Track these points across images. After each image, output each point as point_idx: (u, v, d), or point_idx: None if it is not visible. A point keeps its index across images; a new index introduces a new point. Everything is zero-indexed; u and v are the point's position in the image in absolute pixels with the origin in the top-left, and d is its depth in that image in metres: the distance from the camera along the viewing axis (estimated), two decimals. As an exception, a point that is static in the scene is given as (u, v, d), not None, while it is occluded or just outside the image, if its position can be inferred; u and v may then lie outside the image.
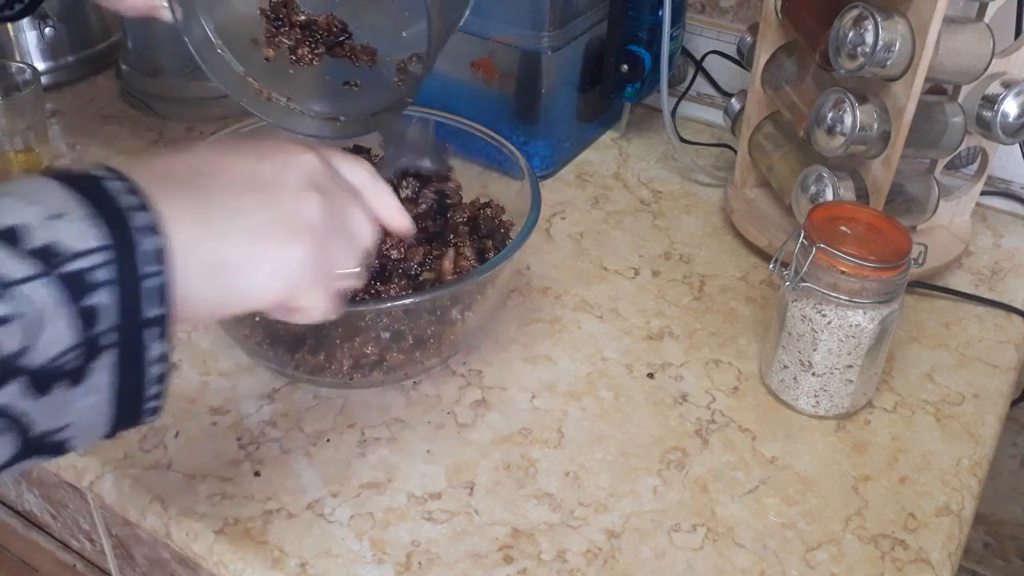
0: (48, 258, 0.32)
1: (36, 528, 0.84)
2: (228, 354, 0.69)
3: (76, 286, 0.33)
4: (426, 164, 0.58)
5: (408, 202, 0.69)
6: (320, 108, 0.64)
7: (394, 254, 0.65)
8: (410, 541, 0.56)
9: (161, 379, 0.37)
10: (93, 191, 0.34)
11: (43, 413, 0.33)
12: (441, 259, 0.64)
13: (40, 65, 0.99)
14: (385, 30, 0.63)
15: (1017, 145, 0.84)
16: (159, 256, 0.35)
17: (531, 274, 0.78)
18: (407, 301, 0.60)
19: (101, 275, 0.33)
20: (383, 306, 0.61)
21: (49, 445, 0.35)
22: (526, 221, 0.65)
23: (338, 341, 0.61)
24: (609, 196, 0.88)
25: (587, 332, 0.72)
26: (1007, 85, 0.72)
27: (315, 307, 0.44)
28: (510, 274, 0.73)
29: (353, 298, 0.62)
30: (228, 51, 0.62)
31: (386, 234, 0.66)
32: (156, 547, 0.68)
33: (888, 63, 0.66)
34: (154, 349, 0.36)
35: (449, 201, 0.70)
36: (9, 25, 0.98)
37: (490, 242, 0.69)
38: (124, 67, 0.99)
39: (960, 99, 0.75)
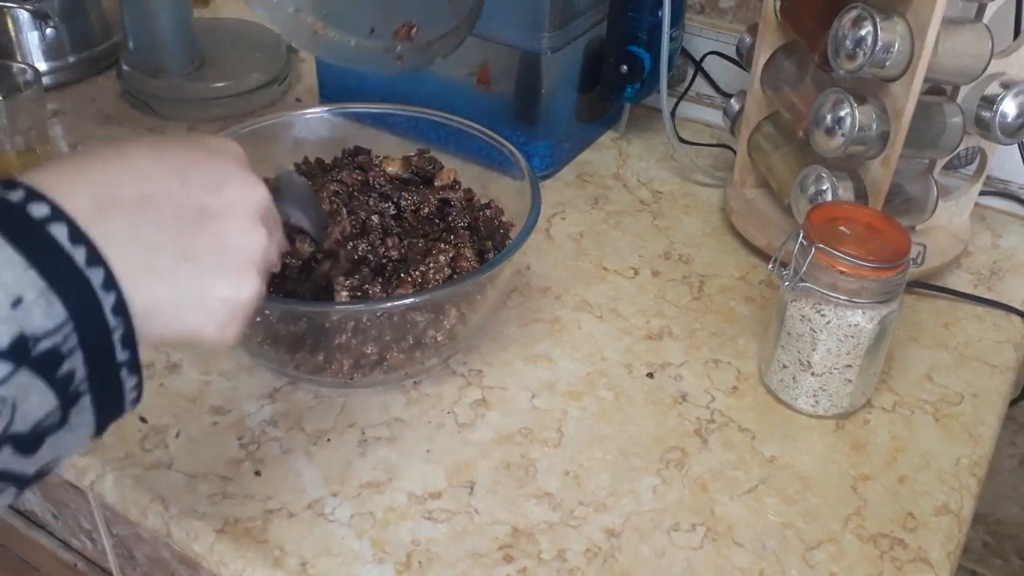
0: (18, 351, 0.33)
1: (37, 527, 0.84)
2: (229, 354, 0.69)
3: (48, 363, 0.33)
4: (303, 219, 0.55)
5: (411, 211, 0.69)
6: (375, 41, 0.60)
7: (394, 254, 0.65)
8: (410, 540, 0.56)
9: (137, 392, 0.38)
10: (41, 249, 0.33)
11: (34, 463, 0.35)
12: (437, 256, 0.64)
13: (41, 65, 0.99)
14: None
15: (1016, 145, 0.84)
16: (120, 309, 0.36)
17: (531, 274, 0.78)
18: (407, 301, 0.60)
19: (68, 345, 0.34)
20: (383, 306, 0.61)
21: (40, 477, 0.37)
22: (526, 221, 0.65)
23: (338, 341, 0.61)
24: (609, 196, 0.88)
25: (587, 332, 0.72)
26: (1006, 85, 0.72)
27: (225, 338, 0.42)
28: (510, 274, 0.73)
29: (354, 298, 0.62)
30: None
31: (385, 234, 0.67)
32: (157, 546, 0.69)
33: (887, 64, 0.66)
34: (128, 382, 0.37)
35: (452, 208, 0.70)
36: (10, 25, 0.98)
37: (490, 243, 0.69)
38: (125, 67, 0.99)
39: (959, 99, 0.75)
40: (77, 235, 0.34)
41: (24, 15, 0.98)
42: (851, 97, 0.69)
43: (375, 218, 0.68)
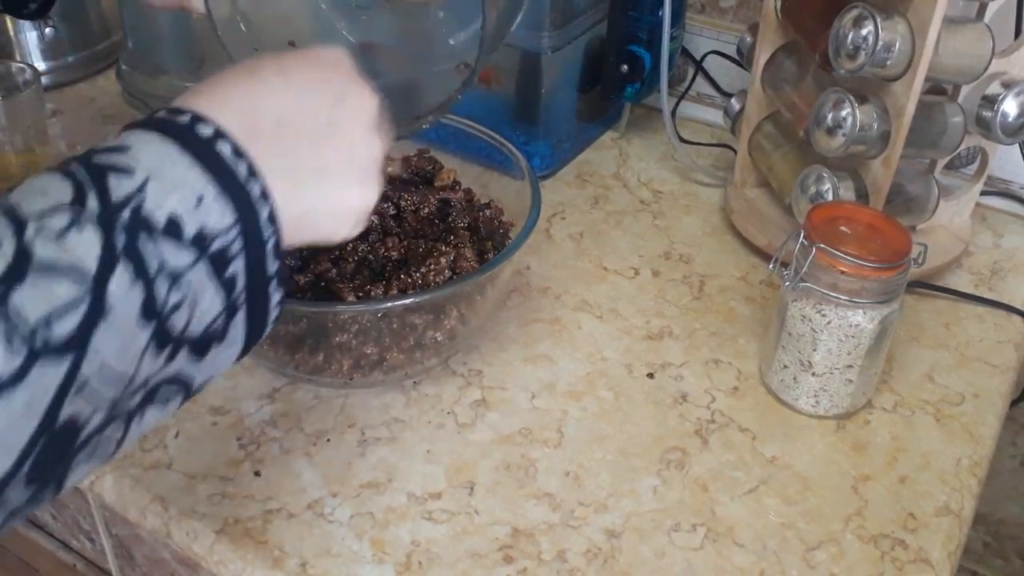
0: (200, 243, 0.37)
1: (36, 528, 0.84)
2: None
3: (219, 262, 0.38)
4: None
5: (411, 211, 0.69)
6: None
7: (394, 255, 0.65)
8: (410, 541, 0.56)
9: (278, 310, 0.42)
10: (212, 161, 0.38)
11: (201, 370, 0.40)
12: (439, 258, 0.64)
13: (40, 65, 0.99)
14: (433, 37, 0.63)
15: (1017, 145, 0.84)
16: (272, 219, 0.39)
17: (531, 274, 0.78)
18: (407, 301, 0.60)
19: (235, 248, 0.38)
20: (383, 306, 0.61)
21: (197, 391, 0.41)
22: (526, 221, 0.65)
23: (338, 341, 0.61)
24: (609, 196, 0.88)
25: (587, 332, 0.72)
26: (1007, 85, 0.72)
27: (352, 235, 0.46)
28: (510, 274, 0.73)
29: (356, 298, 0.62)
30: (260, 37, 0.60)
31: (385, 235, 0.67)
32: (156, 547, 0.68)
33: (888, 63, 0.66)
34: (275, 296, 0.41)
35: (452, 208, 0.70)
36: (9, 25, 0.98)
37: (490, 243, 0.69)
38: (124, 67, 0.99)
39: (960, 99, 0.75)
40: (238, 152, 0.38)
41: (23, 15, 0.98)
42: (852, 97, 0.69)
43: (375, 218, 0.67)
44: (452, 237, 0.67)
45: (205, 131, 0.38)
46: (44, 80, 0.94)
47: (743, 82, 0.87)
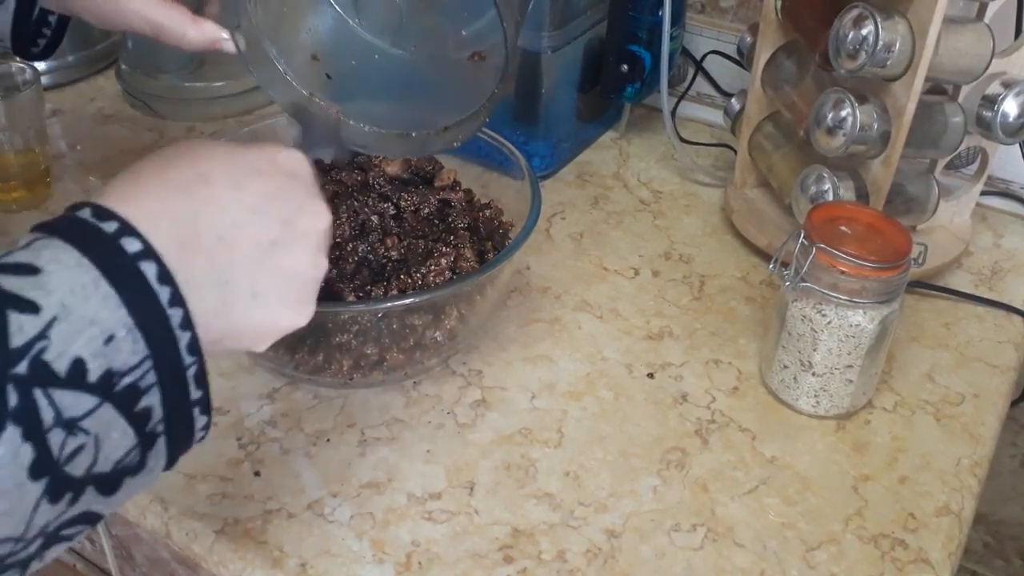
0: (105, 384, 0.34)
1: (36, 528, 0.84)
2: (228, 354, 0.69)
3: (128, 399, 0.35)
4: (330, 151, 0.56)
5: (411, 211, 0.69)
6: (390, 124, 0.61)
7: (394, 255, 0.65)
8: (410, 541, 0.56)
9: (204, 432, 0.40)
10: (132, 288, 0.35)
11: (112, 504, 0.37)
12: (439, 259, 0.64)
13: (40, 65, 0.99)
14: (445, 30, 0.62)
15: (1017, 145, 0.84)
16: (194, 347, 0.37)
17: (531, 274, 0.78)
18: (407, 301, 0.60)
19: (147, 381, 0.35)
20: (383, 306, 0.61)
21: (103, 517, 0.38)
22: (526, 221, 0.65)
23: (338, 341, 0.61)
24: (609, 196, 0.88)
25: (587, 332, 0.72)
26: (1007, 85, 0.72)
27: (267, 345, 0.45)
28: (510, 274, 0.73)
29: (356, 298, 0.62)
30: (292, 74, 0.59)
31: (385, 235, 0.67)
32: (156, 547, 0.68)
33: (888, 63, 0.66)
34: (200, 420, 0.39)
35: (452, 208, 0.70)
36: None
37: (490, 243, 0.69)
38: (124, 67, 0.99)
39: (960, 99, 0.75)
40: (164, 275, 0.36)
41: (23, 15, 0.98)
42: (852, 97, 0.69)
43: (375, 218, 0.67)
44: (452, 237, 0.67)
45: (131, 247, 0.35)
46: (44, 80, 0.94)
47: (743, 82, 0.87)
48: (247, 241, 0.40)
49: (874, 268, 0.59)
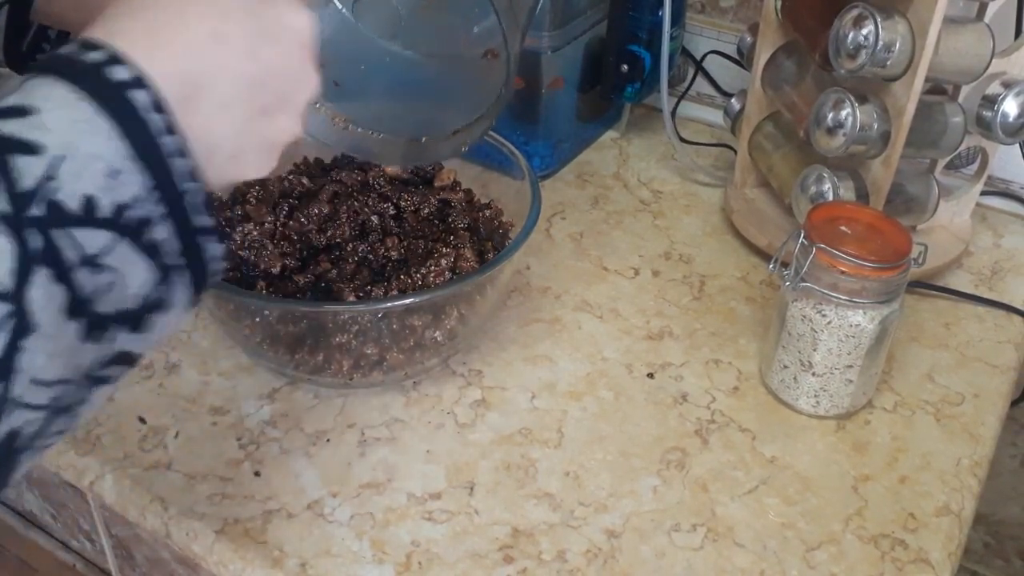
0: (116, 220, 0.34)
1: (36, 528, 0.84)
2: (228, 354, 0.69)
3: (140, 232, 0.35)
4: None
5: (411, 212, 0.69)
6: (398, 131, 0.60)
7: (394, 255, 0.65)
8: (410, 541, 0.56)
9: (220, 265, 0.39)
10: (126, 117, 0.34)
11: (145, 342, 0.37)
12: (439, 259, 0.64)
13: (40, 65, 0.99)
14: (456, 28, 0.62)
15: (1017, 145, 0.84)
16: (192, 174, 0.36)
17: (531, 274, 0.78)
18: (407, 301, 0.60)
19: (156, 213, 0.35)
20: (383, 306, 0.61)
21: (141, 357, 0.38)
22: (526, 221, 0.65)
23: (338, 341, 0.61)
24: (609, 196, 0.88)
25: (587, 332, 0.72)
26: (1007, 85, 0.72)
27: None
28: (510, 274, 0.73)
29: (356, 298, 0.62)
30: None
31: (385, 235, 0.67)
32: (156, 547, 0.68)
33: (888, 63, 0.66)
34: (211, 249, 0.38)
35: (452, 208, 0.70)
36: (9, 25, 0.98)
37: (490, 243, 0.69)
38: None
39: (960, 99, 0.75)
40: (155, 104, 0.35)
41: (23, 15, 0.98)
42: (852, 97, 0.69)
43: (375, 219, 0.67)
44: (452, 238, 0.67)
45: (121, 75, 0.35)
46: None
47: (743, 82, 0.87)
48: (241, 112, 0.39)
49: (874, 268, 0.59)
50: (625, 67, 0.88)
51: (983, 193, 0.83)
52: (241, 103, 0.39)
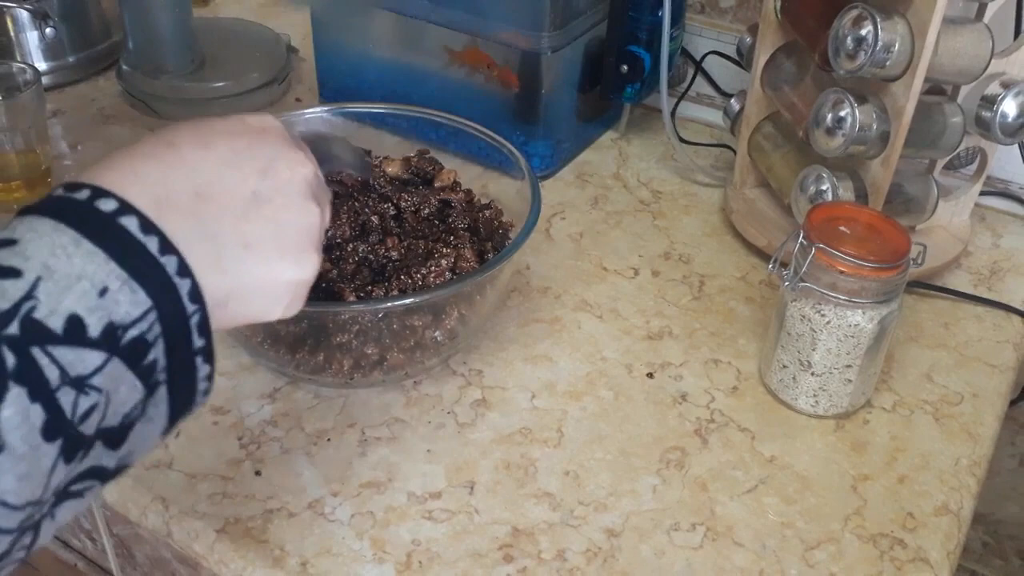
0: (110, 339, 0.33)
1: (37, 527, 0.84)
2: (229, 354, 0.69)
3: (135, 353, 0.34)
4: (346, 166, 0.53)
5: (411, 212, 0.69)
6: None
7: (394, 255, 0.65)
8: (410, 540, 0.56)
9: (208, 384, 0.39)
10: (115, 241, 0.34)
11: (117, 457, 0.36)
12: (439, 260, 0.64)
13: (41, 65, 0.99)
14: None
15: (1016, 145, 0.84)
16: (196, 295, 0.36)
17: (531, 274, 0.78)
18: (407, 301, 0.60)
19: (152, 334, 0.35)
20: (384, 307, 0.61)
21: (119, 473, 0.37)
22: (526, 221, 0.65)
23: (338, 341, 0.61)
24: (609, 196, 0.88)
25: (587, 332, 0.72)
26: (1006, 85, 0.72)
27: (288, 315, 0.43)
28: (510, 274, 0.73)
29: (356, 298, 0.62)
30: None
31: (385, 235, 0.67)
32: (157, 546, 0.69)
33: (887, 63, 0.66)
34: (202, 370, 0.38)
35: (452, 209, 0.70)
36: (10, 25, 0.98)
37: (490, 243, 0.69)
38: (125, 67, 0.99)
39: (959, 99, 0.75)
40: (148, 226, 0.35)
41: (24, 15, 0.98)
42: (851, 97, 0.69)
43: (375, 219, 0.68)
44: (452, 238, 0.68)
45: (107, 206, 0.35)
46: (44, 80, 0.94)
47: (743, 82, 0.87)
48: (225, 195, 0.39)
49: (873, 268, 0.59)
50: (625, 67, 0.88)
51: (982, 193, 0.83)
52: (218, 187, 0.39)
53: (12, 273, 0.32)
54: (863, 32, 0.65)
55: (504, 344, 0.71)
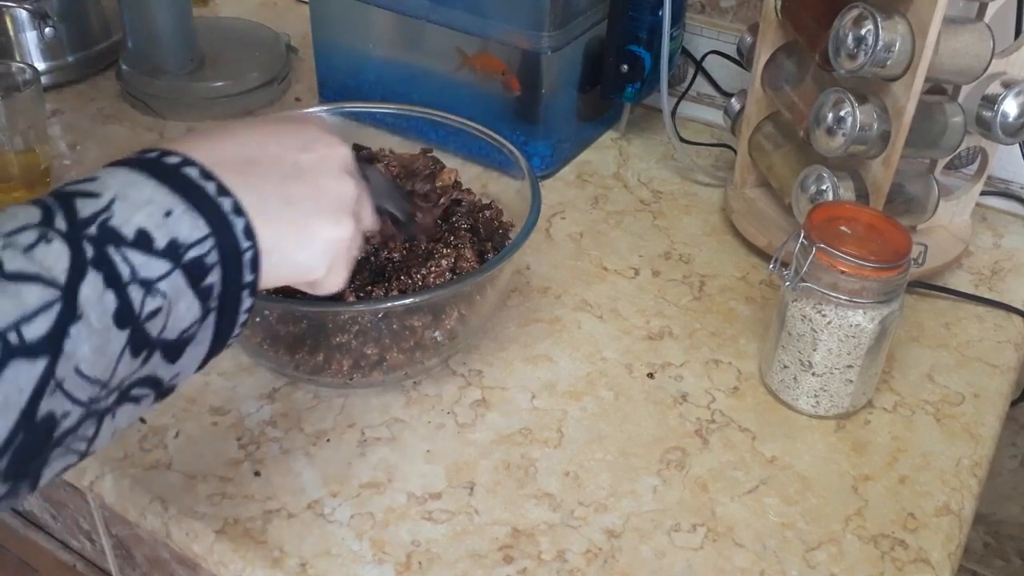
0: (173, 253, 0.38)
1: (36, 528, 0.84)
2: (228, 354, 0.68)
3: (195, 271, 0.39)
4: (390, 205, 0.57)
5: (422, 197, 0.69)
6: None
7: (395, 255, 0.65)
8: (410, 541, 0.56)
9: (246, 317, 0.43)
10: (178, 182, 0.40)
11: (172, 371, 0.41)
12: (440, 260, 0.64)
13: (40, 65, 0.99)
14: None
15: (1017, 145, 0.84)
16: (249, 232, 0.41)
17: (531, 274, 0.78)
18: (407, 301, 0.60)
19: (210, 259, 0.39)
20: (383, 306, 0.61)
21: (168, 392, 0.42)
22: (526, 221, 0.65)
23: (338, 341, 0.61)
24: (609, 196, 0.88)
25: (587, 332, 0.72)
26: (1007, 85, 0.72)
27: (335, 282, 0.47)
28: (510, 274, 0.73)
29: (356, 298, 0.62)
30: None
31: (386, 236, 0.67)
32: (156, 547, 0.69)
33: (888, 63, 0.66)
34: (245, 303, 0.42)
35: (461, 207, 0.70)
36: (9, 25, 0.98)
37: (490, 243, 0.69)
38: (124, 67, 0.99)
39: (960, 99, 0.75)
40: (206, 174, 0.40)
41: (23, 14, 0.98)
42: (852, 96, 0.69)
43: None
44: (452, 238, 0.67)
45: (171, 160, 0.40)
46: (44, 80, 0.94)
47: (743, 82, 0.87)
48: (270, 161, 0.44)
49: (874, 268, 0.59)
50: (625, 67, 0.88)
51: (983, 193, 0.83)
52: (264, 152, 0.44)
53: (92, 195, 0.38)
54: (863, 32, 0.65)
55: (504, 344, 0.71)
